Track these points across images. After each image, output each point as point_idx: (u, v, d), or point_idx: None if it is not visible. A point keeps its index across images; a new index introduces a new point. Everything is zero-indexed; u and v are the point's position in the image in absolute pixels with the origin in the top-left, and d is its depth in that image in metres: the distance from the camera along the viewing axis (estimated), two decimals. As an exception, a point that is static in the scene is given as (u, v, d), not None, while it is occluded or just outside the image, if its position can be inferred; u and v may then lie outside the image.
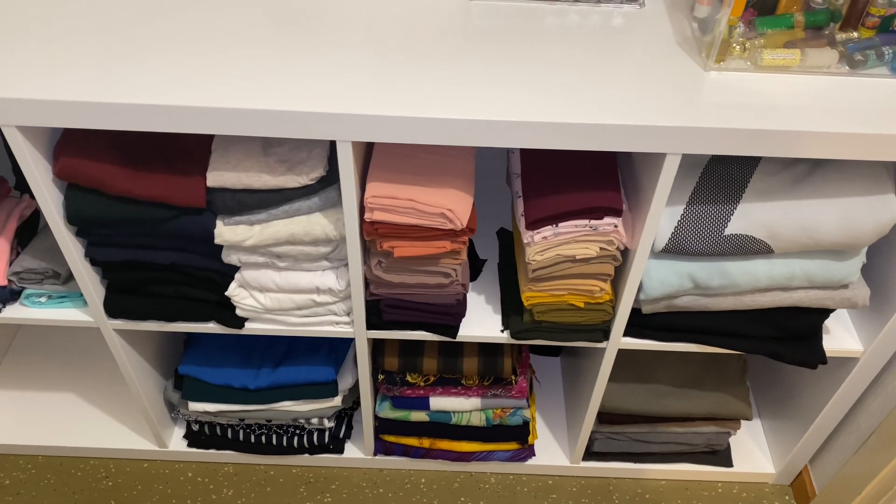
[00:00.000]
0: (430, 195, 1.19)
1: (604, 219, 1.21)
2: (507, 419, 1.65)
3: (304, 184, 1.19)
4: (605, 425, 1.68)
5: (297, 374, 1.59)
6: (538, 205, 1.22)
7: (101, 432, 1.80)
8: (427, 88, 1.09)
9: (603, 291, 1.32)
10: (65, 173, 1.17)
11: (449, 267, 1.30)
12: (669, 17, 1.27)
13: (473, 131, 1.06)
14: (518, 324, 1.40)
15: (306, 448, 1.74)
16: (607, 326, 1.40)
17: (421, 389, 1.60)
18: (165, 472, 1.78)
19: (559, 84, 1.11)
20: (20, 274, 1.38)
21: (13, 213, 1.41)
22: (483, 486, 1.79)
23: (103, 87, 1.06)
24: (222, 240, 1.25)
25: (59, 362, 1.93)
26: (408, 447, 1.73)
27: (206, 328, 1.43)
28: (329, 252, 1.30)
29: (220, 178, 1.19)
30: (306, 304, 1.37)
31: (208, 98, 1.05)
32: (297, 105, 1.05)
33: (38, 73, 1.08)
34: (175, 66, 1.10)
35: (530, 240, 1.24)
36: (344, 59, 1.14)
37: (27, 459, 1.79)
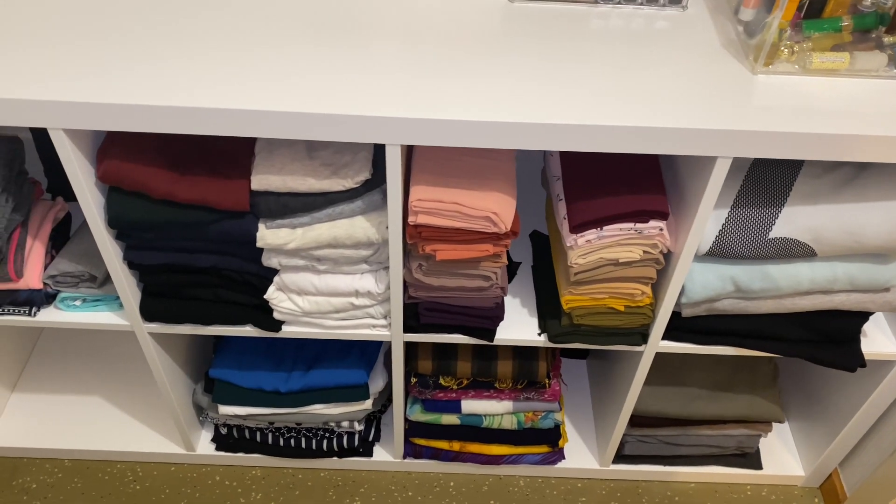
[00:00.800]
0: (474, 198, 1.18)
1: (649, 222, 1.21)
2: (539, 422, 1.65)
3: (348, 187, 1.19)
4: (636, 428, 1.68)
5: (329, 377, 1.58)
6: (582, 208, 1.22)
7: (128, 436, 1.79)
8: (472, 92, 1.09)
9: (644, 295, 1.31)
10: (108, 176, 1.16)
11: (490, 270, 1.29)
12: (713, 19, 1.26)
13: (525, 134, 1.06)
14: (556, 327, 1.40)
15: (335, 451, 1.73)
16: (646, 330, 1.40)
17: (453, 392, 1.60)
18: (193, 476, 1.77)
19: (607, 87, 1.11)
20: (56, 277, 1.37)
21: (47, 216, 1.40)
22: (512, 490, 1.78)
23: (150, 89, 1.05)
24: (264, 243, 1.24)
25: (83, 365, 1.92)
26: (437, 450, 1.73)
27: (242, 331, 1.42)
28: (369, 255, 1.29)
29: (264, 182, 1.18)
30: (344, 307, 1.37)
31: (260, 101, 1.04)
32: (348, 109, 1.05)
33: (85, 76, 1.07)
34: (221, 69, 1.10)
35: (573, 243, 1.23)
36: (386, 62, 1.13)
37: (53, 463, 1.78)
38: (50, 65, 1.08)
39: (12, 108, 1.03)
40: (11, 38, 1.13)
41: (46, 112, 1.04)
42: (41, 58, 1.10)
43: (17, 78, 1.06)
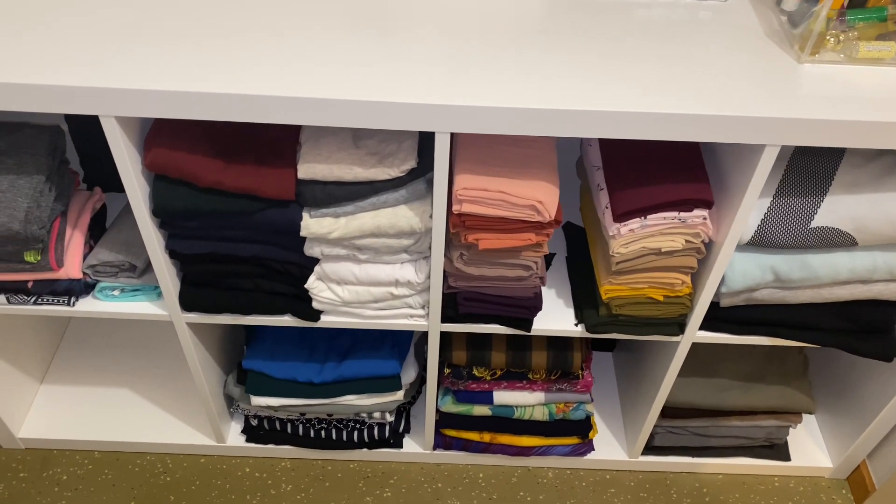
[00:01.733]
0: (519, 187, 1.18)
1: (693, 211, 1.21)
2: (570, 413, 1.65)
3: (394, 176, 1.19)
4: (666, 419, 1.69)
5: (363, 368, 1.59)
6: (626, 197, 1.22)
7: (158, 427, 1.79)
8: (517, 80, 1.09)
9: (684, 285, 1.32)
10: (155, 164, 1.16)
11: (530, 259, 1.30)
12: (754, 9, 1.27)
13: (576, 122, 1.06)
14: (594, 317, 1.40)
15: (366, 443, 1.74)
16: (683, 320, 1.40)
17: (486, 383, 1.60)
18: (223, 468, 1.78)
19: (652, 75, 1.11)
20: (95, 267, 1.37)
21: (85, 206, 1.40)
22: (541, 481, 1.78)
23: (199, 77, 1.06)
24: (308, 232, 1.24)
25: (110, 356, 1.92)
26: (468, 442, 1.73)
27: (280, 321, 1.42)
28: (410, 245, 1.29)
29: (311, 170, 1.18)
30: (384, 296, 1.37)
31: (311, 89, 1.05)
32: (398, 96, 1.05)
33: (134, 63, 1.07)
34: (267, 58, 1.10)
35: (616, 232, 1.24)
36: (429, 52, 1.13)
37: (83, 455, 1.78)
38: (99, 53, 1.09)
39: (65, 95, 1.04)
40: (62, 27, 1.13)
41: (98, 99, 1.04)
42: (91, 45, 1.10)
43: (68, 66, 1.06)
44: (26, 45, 1.09)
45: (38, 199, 1.24)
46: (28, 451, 1.78)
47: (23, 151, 1.26)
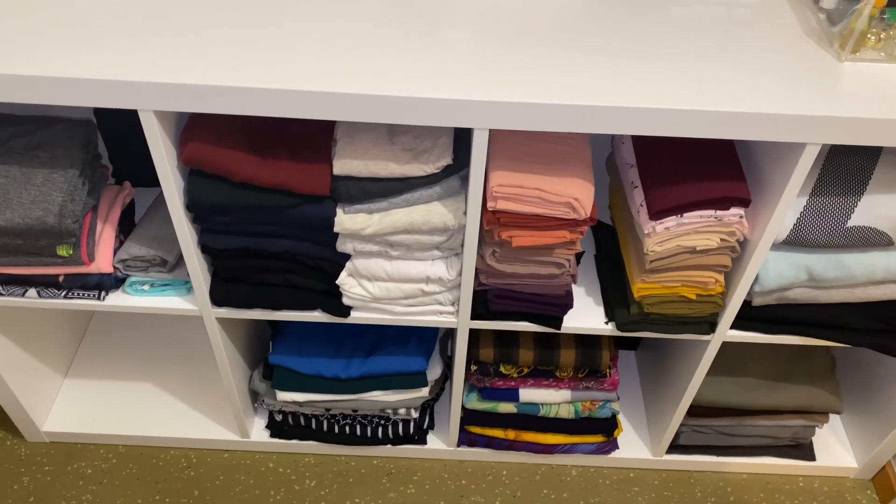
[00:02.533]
0: (555, 184, 1.18)
1: (730, 209, 1.21)
2: (596, 412, 1.65)
3: (429, 172, 1.19)
4: (692, 418, 1.68)
5: (389, 364, 1.58)
6: (663, 195, 1.22)
7: (182, 422, 1.79)
8: (555, 76, 1.08)
9: (717, 283, 1.31)
10: (192, 159, 1.16)
11: (563, 257, 1.29)
12: (791, 7, 1.26)
13: (618, 118, 1.05)
14: (625, 316, 1.39)
15: (390, 439, 1.74)
16: (715, 319, 1.40)
17: (512, 381, 1.60)
18: (247, 463, 1.78)
19: (692, 73, 1.10)
20: (126, 261, 1.37)
21: (116, 201, 1.40)
22: (565, 479, 1.78)
23: (237, 72, 1.05)
24: (341, 228, 1.24)
25: (133, 350, 1.93)
26: (492, 439, 1.73)
27: (310, 317, 1.42)
28: (442, 241, 1.29)
29: (346, 166, 1.18)
30: (414, 293, 1.37)
31: (350, 85, 1.04)
32: (435, 92, 1.04)
33: (173, 57, 1.07)
34: (304, 54, 1.09)
35: (651, 230, 1.23)
36: (465, 48, 1.13)
37: (108, 449, 1.78)
38: (138, 46, 1.08)
39: (104, 89, 1.03)
40: (99, 21, 1.13)
41: (138, 93, 1.04)
42: (129, 39, 1.10)
43: (107, 60, 1.06)
44: (65, 38, 1.09)
45: (73, 193, 1.24)
46: (52, 444, 1.79)
47: (56, 146, 1.26)
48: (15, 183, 1.22)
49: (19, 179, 1.22)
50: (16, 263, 1.31)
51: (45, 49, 1.07)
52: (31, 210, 1.21)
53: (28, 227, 1.22)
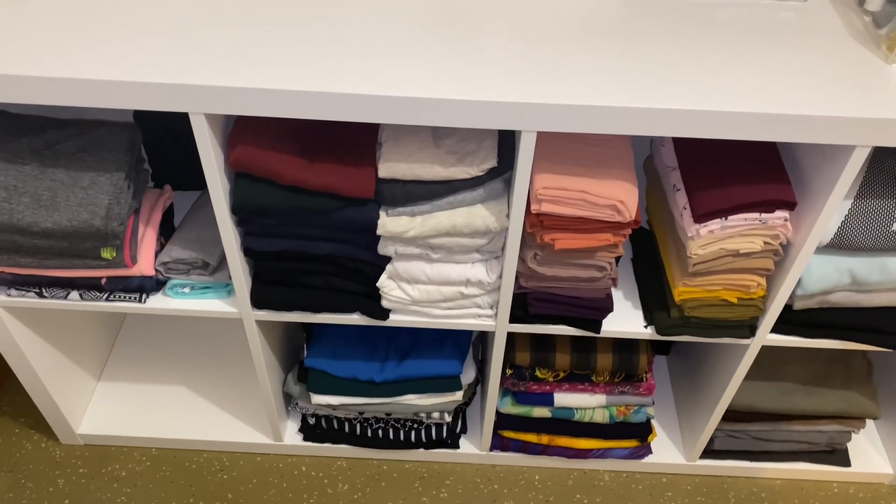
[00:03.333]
0: (600, 186, 1.18)
1: (774, 212, 1.20)
2: (631, 416, 1.64)
3: (473, 175, 1.19)
4: (727, 423, 1.67)
5: (424, 368, 1.58)
6: (708, 197, 1.21)
7: (215, 424, 1.80)
8: (600, 78, 1.08)
9: (759, 287, 1.31)
10: (240, 162, 1.17)
11: (605, 260, 1.29)
12: (835, 9, 1.26)
13: (666, 121, 1.05)
14: (665, 319, 1.39)
15: (423, 443, 1.74)
16: (755, 322, 1.39)
17: (548, 385, 1.59)
18: (279, 466, 1.78)
19: (738, 75, 1.10)
20: (168, 264, 1.38)
21: (157, 204, 1.41)
22: (597, 484, 1.78)
23: (288, 75, 1.06)
24: (385, 230, 1.24)
25: (166, 353, 1.93)
26: (526, 443, 1.73)
27: (349, 319, 1.42)
28: (483, 244, 1.29)
29: (392, 169, 1.19)
30: (453, 296, 1.37)
31: (403, 88, 1.05)
32: (484, 94, 1.05)
33: (222, 60, 1.08)
34: (351, 59, 1.10)
35: (695, 233, 1.23)
36: (509, 51, 1.13)
37: (141, 451, 1.79)
38: (189, 51, 1.09)
39: (158, 92, 1.04)
40: (153, 26, 1.14)
41: (190, 96, 1.05)
42: (180, 43, 1.11)
43: (159, 63, 1.07)
44: (117, 43, 1.10)
45: (119, 195, 1.25)
46: (87, 446, 1.80)
47: (103, 149, 1.27)
48: (62, 186, 1.23)
49: (66, 182, 1.23)
50: (60, 266, 1.32)
51: (96, 53, 1.08)
52: (78, 213, 1.22)
53: (75, 229, 1.23)
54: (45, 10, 1.16)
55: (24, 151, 1.24)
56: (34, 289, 1.38)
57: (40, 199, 1.22)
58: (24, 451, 1.78)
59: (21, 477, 1.73)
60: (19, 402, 1.86)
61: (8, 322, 1.45)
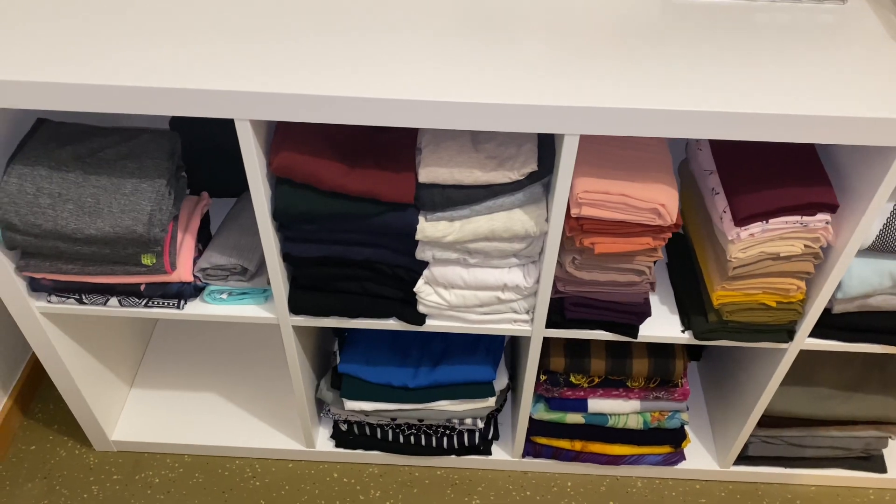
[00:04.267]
0: (641, 190, 1.18)
1: (816, 215, 1.20)
2: (665, 422, 1.64)
3: (514, 179, 1.19)
4: (762, 429, 1.66)
5: (458, 373, 1.58)
6: (748, 200, 1.21)
7: (247, 431, 1.80)
8: (640, 81, 1.09)
9: (798, 290, 1.30)
10: (282, 168, 1.18)
11: (644, 264, 1.29)
12: (874, 11, 1.26)
13: (711, 123, 1.05)
14: (702, 324, 1.39)
15: (455, 449, 1.73)
16: (793, 326, 1.38)
17: (582, 391, 1.59)
18: (311, 473, 1.78)
19: (779, 77, 1.10)
20: (206, 270, 1.39)
21: (195, 211, 1.42)
22: (630, 491, 1.77)
23: (331, 80, 1.07)
24: (423, 236, 1.25)
25: (198, 359, 1.95)
26: (558, 450, 1.72)
27: (385, 325, 1.43)
28: (521, 249, 1.29)
29: (432, 174, 1.19)
30: (490, 301, 1.37)
31: (445, 93, 1.06)
32: (526, 98, 1.05)
33: (265, 66, 1.09)
34: (395, 61, 1.11)
35: (735, 237, 1.23)
36: (547, 54, 1.14)
37: (174, 458, 1.80)
38: (232, 57, 1.10)
39: (202, 99, 1.06)
40: (197, 33, 1.15)
41: (236, 102, 1.06)
42: (223, 50, 1.12)
43: (203, 70, 1.08)
44: (161, 49, 1.11)
45: (160, 202, 1.26)
46: (120, 453, 1.80)
47: (144, 156, 1.28)
48: (105, 192, 1.24)
49: (109, 189, 1.25)
50: (101, 272, 1.34)
51: (141, 59, 1.09)
52: (121, 219, 1.24)
53: (118, 235, 1.24)
54: (87, 17, 1.18)
55: (68, 159, 1.25)
56: (74, 295, 1.40)
57: (84, 206, 1.24)
58: (59, 458, 1.79)
59: (56, 484, 1.74)
60: (53, 409, 1.88)
61: (47, 329, 1.46)
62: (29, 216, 1.23)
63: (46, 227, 1.24)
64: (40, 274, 1.35)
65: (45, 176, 1.24)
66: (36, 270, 1.34)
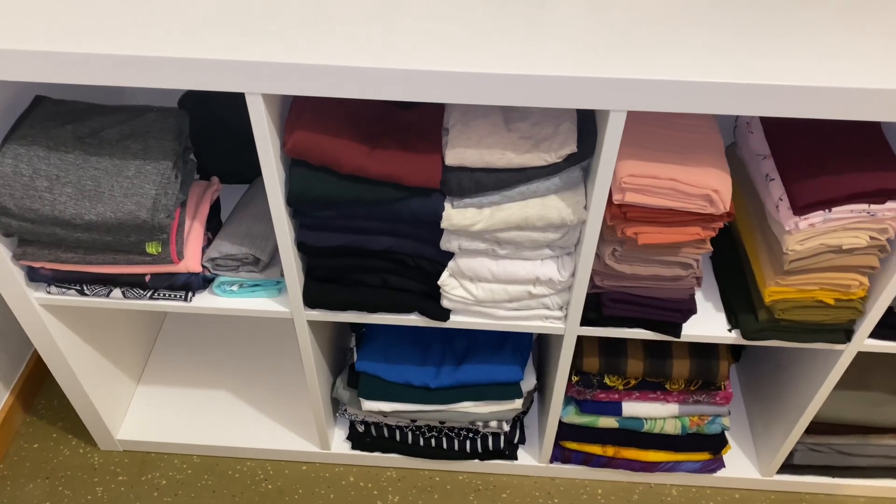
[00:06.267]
0: (692, 174, 1.07)
1: (886, 203, 1.08)
2: (705, 427, 1.52)
3: (550, 162, 1.09)
4: (809, 435, 1.55)
5: (483, 373, 1.48)
6: (808, 187, 1.10)
7: (259, 431, 1.71)
8: (694, 52, 0.98)
9: (861, 286, 1.19)
10: (297, 149, 1.08)
11: (691, 257, 1.18)
12: (950, -21, 1.14)
13: (771, 98, 0.94)
14: (752, 323, 1.27)
15: (479, 453, 1.63)
16: (851, 326, 1.27)
17: (616, 393, 1.48)
18: (326, 476, 1.69)
19: (852, 48, 0.99)
20: (216, 260, 1.29)
21: (204, 196, 1.33)
22: (664, 499, 1.66)
23: (349, 51, 0.97)
24: (449, 224, 1.14)
25: (207, 355, 1.86)
26: (589, 455, 1.61)
27: (407, 320, 1.33)
28: (556, 239, 1.18)
29: (460, 156, 1.09)
30: (520, 295, 1.27)
31: (474, 63, 0.95)
32: (567, 70, 0.94)
33: (279, 37, 0.99)
34: (419, 31, 1.01)
35: (793, 227, 1.11)
36: (585, 26, 1.03)
37: (182, 459, 1.71)
38: (243, 27, 1.01)
39: (210, 69, 0.96)
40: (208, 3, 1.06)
41: (247, 73, 0.96)
42: (233, 19, 1.02)
43: (212, 40, 0.98)
44: (167, 16, 1.02)
45: (166, 185, 1.17)
46: (126, 453, 1.72)
47: (149, 136, 1.19)
48: (106, 175, 1.15)
49: (111, 171, 1.15)
50: (103, 262, 1.25)
51: (145, 28, 1.00)
52: (123, 203, 1.14)
53: (119, 221, 1.15)
54: (90, -15, 1.08)
55: (67, 138, 1.16)
56: (75, 286, 1.31)
57: (83, 189, 1.14)
58: (62, 458, 1.71)
59: (59, 484, 1.65)
60: (57, 406, 1.80)
61: (48, 321, 1.37)
62: (25, 200, 1.14)
63: (43, 212, 1.15)
64: (39, 263, 1.26)
65: (42, 157, 1.15)
66: (34, 259, 1.25)
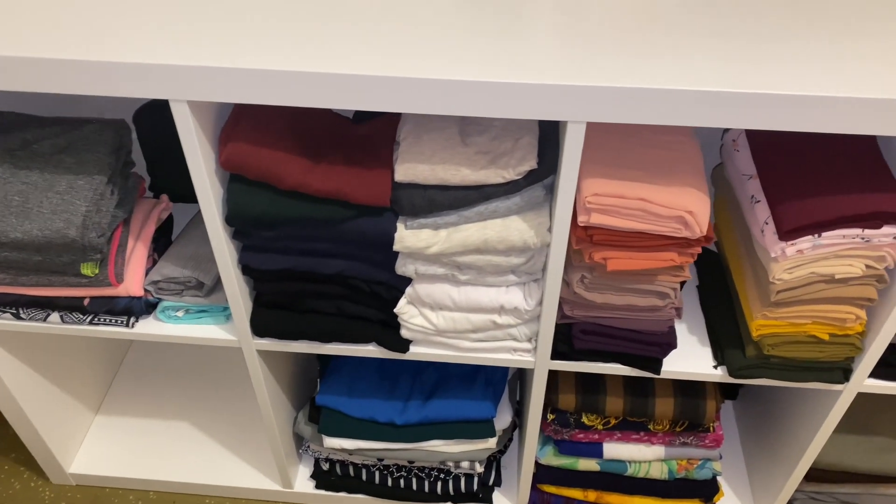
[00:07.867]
0: (664, 194, 0.97)
1: (882, 228, 0.97)
2: (694, 472, 1.40)
3: (509, 179, 1.00)
4: (810, 483, 1.42)
5: (452, 409, 1.38)
6: (795, 210, 0.99)
7: (219, 467, 1.61)
8: (664, 61, 0.89)
9: (857, 321, 1.07)
10: (232, 162, 0.99)
11: (668, 285, 1.08)
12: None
13: (746, 107, 0.85)
14: (738, 359, 1.16)
15: (451, 495, 1.52)
16: (850, 364, 1.15)
17: (596, 433, 1.37)
18: (288, 516, 1.58)
19: (845, 53, 0.90)
20: (158, 283, 1.21)
21: (150, 215, 1.25)
22: (653, 550, 1.52)
23: (287, 55, 0.89)
24: (402, 246, 1.05)
25: (172, 386, 1.76)
26: (569, 500, 1.49)
27: (364, 351, 1.23)
28: (520, 264, 1.08)
29: (411, 172, 1.00)
30: (485, 325, 1.16)
31: (421, 68, 0.87)
32: (521, 76, 0.86)
33: (210, 40, 0.91)
34: (367, 34, 0.93)
35: (779, 253, 1.01)
36: (553, 31, 0.95)
37: (137, 495, 1.61)
38: (171, 32, 0.93)
39: (129, 74, 0.88)
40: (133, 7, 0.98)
41: (170, 78, 0.88)
42: (161, 24, 0.94)
43: (135, 42, 0.90)
44: (83, 16, 0.95)
45: (98, 202, 1.09)
46: (79, 487, 1.62)
47: (84, 150, 1.11)
48: (35, 190, 1.07)
49: (41, 186, 1.08)
50: (37, 283, 1.16)
51: (64, 29, 0.92)
52: (52, 221, 1.06)
53: (48, 240, 1.07)
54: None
55: (-5, 151, 1.09)
56: (10, 309, 1.22)
57: (10, 205, 1.07)
58: (13, 491, 1.61)
59: (5, 520, 1.56)
60: (11, 436, 1.70)
61: (-16, 347, 1.29)
62: (-53, 216, 1.06)
63: (-34, 229, 1.07)
64: (-32, 284, 1.18)
65: (-33, 170, 1.07)
66: (-37, 280, 1.17)
